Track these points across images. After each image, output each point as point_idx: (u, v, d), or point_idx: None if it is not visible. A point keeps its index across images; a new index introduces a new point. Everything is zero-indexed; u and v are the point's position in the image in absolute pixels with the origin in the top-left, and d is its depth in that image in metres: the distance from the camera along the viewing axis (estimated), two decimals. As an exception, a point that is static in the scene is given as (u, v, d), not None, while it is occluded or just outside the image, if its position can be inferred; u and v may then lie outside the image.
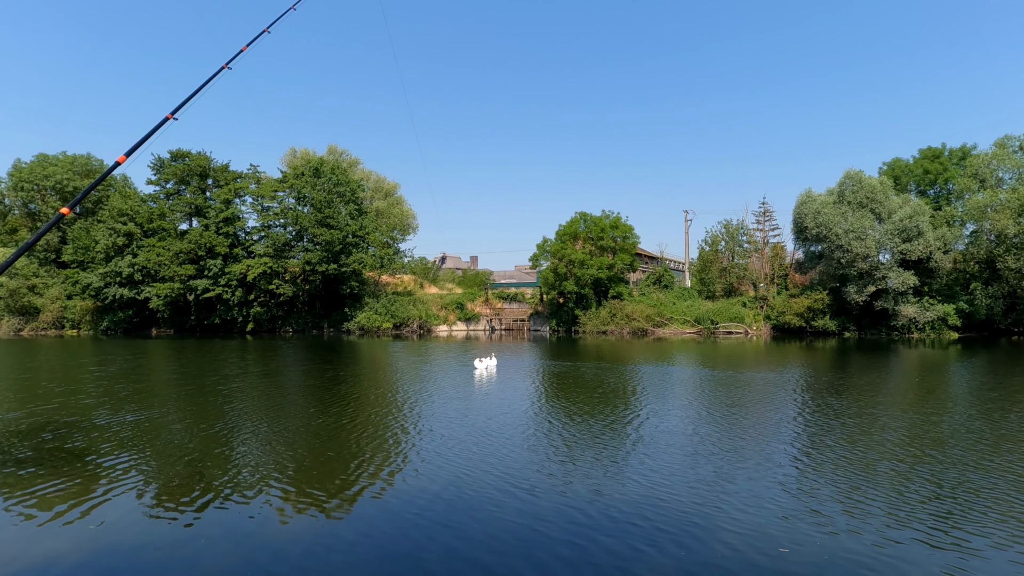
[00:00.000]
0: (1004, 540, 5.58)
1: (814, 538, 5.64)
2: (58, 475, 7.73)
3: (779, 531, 5.80)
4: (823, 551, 5.34)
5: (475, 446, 9.29)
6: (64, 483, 7.41)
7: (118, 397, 14.34)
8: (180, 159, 51.11)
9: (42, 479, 7.56)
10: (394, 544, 5.57)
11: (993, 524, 5.96)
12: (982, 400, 13.66)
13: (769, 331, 43.72)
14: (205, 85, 8.80)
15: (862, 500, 6.70)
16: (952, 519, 6.11)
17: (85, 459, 8.54)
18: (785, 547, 5.44)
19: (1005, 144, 41.62)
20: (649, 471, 7.86)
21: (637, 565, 5.09)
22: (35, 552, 5.45)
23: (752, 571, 4.97)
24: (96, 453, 8.86)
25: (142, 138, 7.09)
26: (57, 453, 8.85)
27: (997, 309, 39.18)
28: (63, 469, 8.02)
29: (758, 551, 5.35)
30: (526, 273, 67.47)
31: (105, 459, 8.54)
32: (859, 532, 5.77)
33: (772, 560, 5.17)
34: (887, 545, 5.48)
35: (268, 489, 7.22)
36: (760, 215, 50.62)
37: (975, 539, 5.61)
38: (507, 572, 4.98)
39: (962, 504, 6.54)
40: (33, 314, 50.37)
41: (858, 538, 5.63)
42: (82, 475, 7.77)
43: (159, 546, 5.54)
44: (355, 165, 61.81)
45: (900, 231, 38.87)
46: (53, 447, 9.22)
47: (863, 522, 6.04)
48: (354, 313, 48.81)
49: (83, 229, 51.48)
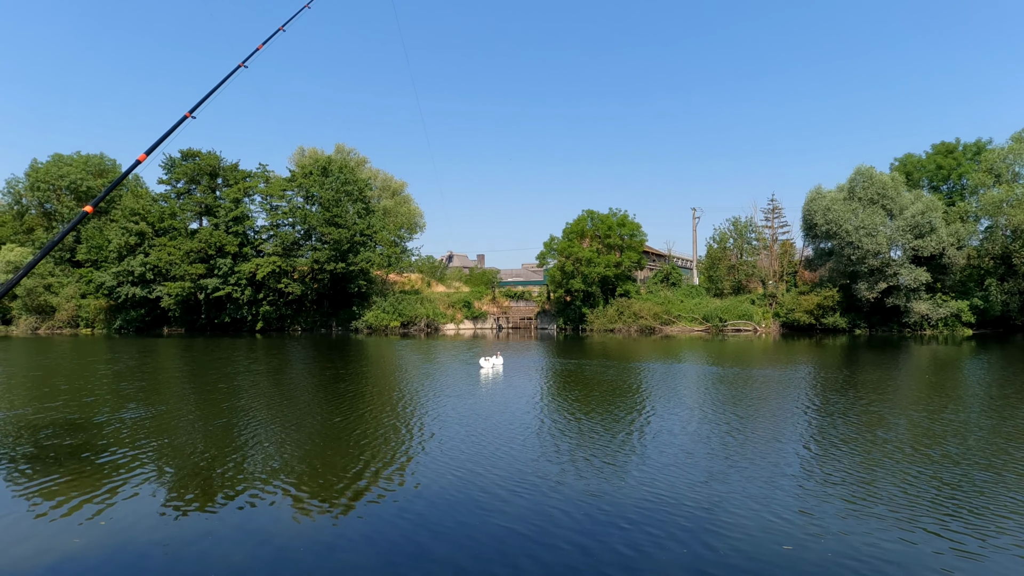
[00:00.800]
0: (1013, 540, 5.52)
1: (819, 536, 5.60)
2: (67, 472, 7.86)
3: (784, 528, 5.77)
4: (827, 549, 5.31)
5: (482, 445, 9.32)
6: (74, 480, 7.53)
7: (128, 395, 14.53)
8: (191, 158, 51.61)
9: (52, 476, 7.68)
10: (400, 543, 5.60)
11: (1002, 523, 5.90)
12: (994, 397, 13.47)
13: (778, 328, 43.39)
14: (222, 84, 8.79)
15: (869, 498, 6.64)
16: (960, 517, 6.04)
17: (94, 456, 8.67)
18: (789, 545, 5.41)
19: (1022, 138, 40.95)
20: (655, 468, 7.85)
21: (643, 563, 5.09)
22: (46, 549, 5.55)
23: (757, 569, 4.96)
24: (105, 451, 8.99)
25: (161, 136, 7.12)
26: (66, 450, 8.99)
27: (1013, 305, 38.61)
28: (72, 466, 8.14)
29: (763, 549, 5.33)
30: (533, 271, 67.46)
31: (114, 457, 8.66)
32: (866, 530, 5.73)
33: (777, 558, 5.15)
34: (894, 544, 5.43)
35: (276, 488, 7.29)
36: (769, 212, 50.25)
37: (983, 538, 5.55)
38: (513, 571, 5.00)
39: (970, 502, 6.47)
40: (49, 313, 51.13)
41: (864, 536, 5.59)
42: (92, 472, 7.89)
43: (167, 543, 5.62)
44: (363, 164, 62.06)
45: (912, 227, 38.38)
46: (62, 444, 9.37)
47: (870, 520, 5.99)
48: (362, 312, 49.07)
49: (96, 228, 52.13)
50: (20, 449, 9.12)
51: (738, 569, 4.97)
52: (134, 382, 17.26)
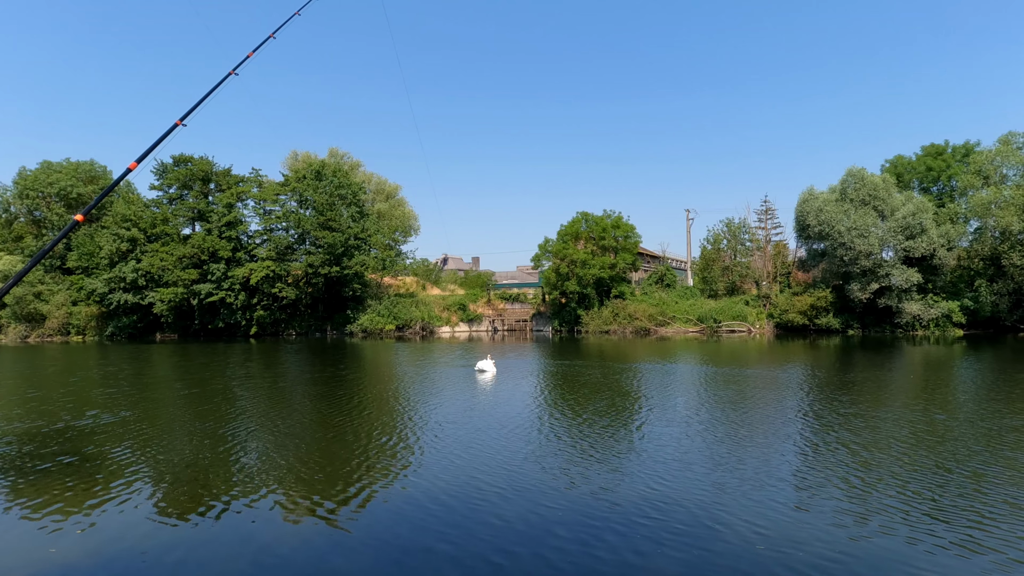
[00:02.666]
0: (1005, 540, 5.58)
1: (816, 536, 5.64)
2: (54, 481, 7.78)
3: (781, 529, 5.81)
4: (824, 550, 5.35)
5: (478, 447, 9.31)
6: (60, 489, 7.46)
7: (120, 401, 14.41)
8: (183, 164, 51.32)
9: (38, 485, 7.61)
10: (398, 547, 5.59)
11: (995, 523, 5.96)
12: (984, 398, 13.60)
13: (772, 329, 43.61)
14: (213, 91, 8.79)
15: (865, 498, 6.70)
16: (954, 516, 6.11)
17: (80, 465, 8.59)
18: (785, 546, 5.44)
19: (1009, 140, 41.38)
20: (652, 470, 7.87)
21: (642, 564, 5.11)
22: (36, 561, 5.49)
23: (752, 570, 4.99)
24: (93, 460, 8.92)
25: (153, 144, 7.11)
26: (57, 460, 8.91)
27: (1002, 306, 38.96)
28: (58, 476, 8.07)
29: (761, 549, 5.36)
30: (528, 273, 67.45)
31: (103, 464, 8.59)
32: (863, 531, 5.78)
33: (772, 559, 5.18)
34: (890, 544, 5.49)
35: (272, 493, 7.25)
36: (762, 213, 50.54)
37: (974, 536, 5.61)
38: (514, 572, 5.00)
39: (964, 501, 6.54)
40: (39, 321, 50.61)
41: (861, 536, 5.64)
42: (77, 482, 7.81)
43: (152, 551, 5.57)
44: (356, 167, 61.95)
45: (903, 228, 38.71)
46: (47, 453, 9.28)
47: (867, 520, 6.04)
48: (357, 315, 48.93)
49: (87, 235, 51.69)
50: (12, 460, 9.02)
51: (735, 570, 5.00)
52: (124, 389, 17.11)
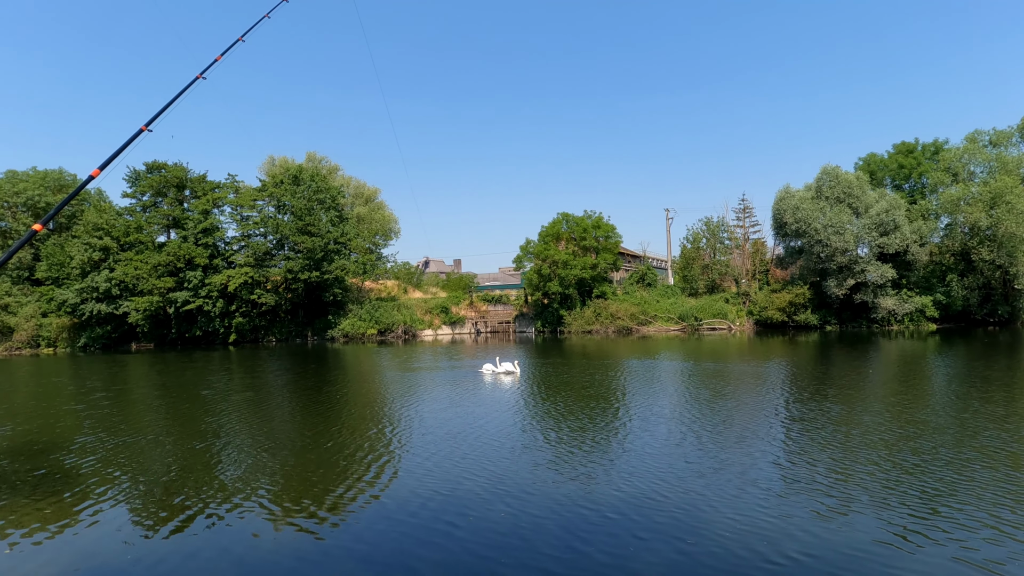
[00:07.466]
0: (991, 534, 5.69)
1: (800, 532, 5.70)
2: (39, 497, 7.53)
3: (764, 526, 5.85)
4: (803, 547, 5.40)
5: (463, 449, 9.22)
6: (44, 505, 7.22)
7: (95, 416, 13.99)
8: (156, 171, 50.20)
9: (23, 501, 7.34)
10: (385, 553, 5.50)
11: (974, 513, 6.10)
12: (956, 392, 13.91)
13: (752, 326, 44.18)
14: (179, 96, 8.56)
15: (847, 493, 6.79)
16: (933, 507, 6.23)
17: (58, 479, 8.32)
18: (764, 543, 5.47)
19: (976, 139, 42.57)
20: (637, 469, 7.88)
21: (626, 564, 5.09)
22: None
23: (735, 569, 5.01)
24: (72, 474, 8.65)
25: (116, 151, 6.84)
26: (37, 475, 8.61)
27: (973, 300, 40.01)
28: (37, 490, 7.80)
29: (740, 549, 5.39)
30: (510, 275, 67.42)
31: (81, 478, 8.33)
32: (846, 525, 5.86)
33: (755, 557, 5.20)
34: (870, 540, 5.57)
35: (255, 503, 7.09)
36: (740, 212, 51.21)
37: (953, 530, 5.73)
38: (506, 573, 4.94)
39: (941, 493, 6.68)
40: (7, 333, 49.08)
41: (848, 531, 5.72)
42: (56, 497, 7.56)
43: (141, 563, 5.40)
44: (335, 172, 61.29)
45: (877, 225, 39.54)
46: (24, 468, 8.96)
47: (847, 511, 6.13)
48: (338, 320, 48.38)
49: (57, 245, 50.28)
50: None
51: (718, 570, 5.02)
52: (100, 401, 16.61)
